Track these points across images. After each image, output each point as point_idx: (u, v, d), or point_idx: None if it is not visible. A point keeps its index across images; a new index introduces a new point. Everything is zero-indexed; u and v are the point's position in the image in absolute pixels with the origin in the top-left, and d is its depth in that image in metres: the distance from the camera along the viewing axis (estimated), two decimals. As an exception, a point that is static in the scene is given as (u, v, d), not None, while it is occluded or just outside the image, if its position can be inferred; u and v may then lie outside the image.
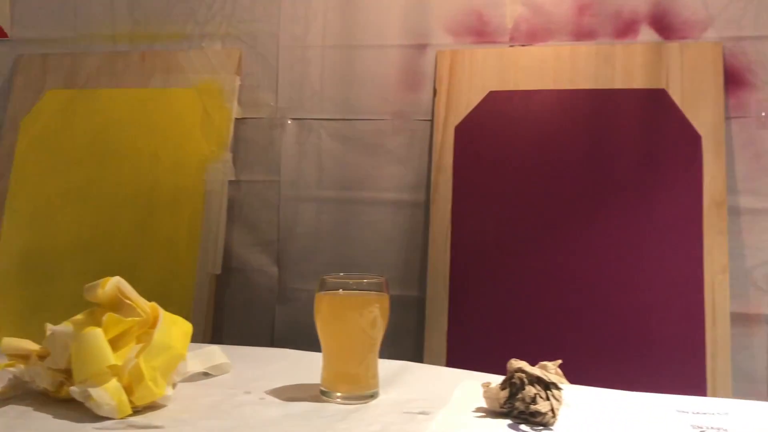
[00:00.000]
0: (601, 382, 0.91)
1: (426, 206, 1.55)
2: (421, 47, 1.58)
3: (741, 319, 1.43)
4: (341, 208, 1.61)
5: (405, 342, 1.55)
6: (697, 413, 0.73)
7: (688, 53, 1.45)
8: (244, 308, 1.63)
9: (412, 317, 1.55)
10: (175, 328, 0.74)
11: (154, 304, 0.75)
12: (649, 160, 1.45)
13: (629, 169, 1.45)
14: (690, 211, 1.41)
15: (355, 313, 0.76)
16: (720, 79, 1.44)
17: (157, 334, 0.71)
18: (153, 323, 0.73)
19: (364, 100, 1.61)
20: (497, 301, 1.47)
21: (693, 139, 1.43)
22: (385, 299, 0.78)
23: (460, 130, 1.53)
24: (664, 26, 1.48)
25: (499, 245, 1.49)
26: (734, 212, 1.44)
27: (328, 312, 0.78)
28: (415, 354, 1.52)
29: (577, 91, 1.50)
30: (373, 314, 0.76)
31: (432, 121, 1.56)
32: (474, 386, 0.73)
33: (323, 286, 0.78)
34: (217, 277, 1.60)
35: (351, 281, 0.78)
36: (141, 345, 0.71)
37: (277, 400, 0.76)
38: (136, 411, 0.69)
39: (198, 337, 1.55)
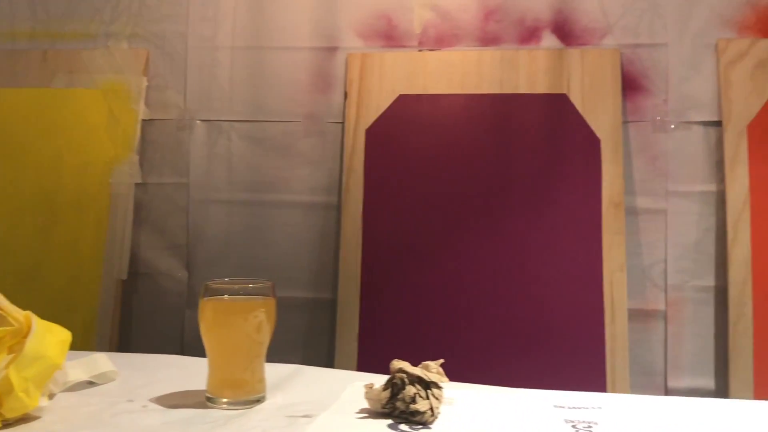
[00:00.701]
0: (506, 379, 0.93)
1: (338, 208, 1.56)
2: (332, 50, 1.59)
3: (639, 315, 1.49)
4: (252, 211, 1.59)
5: (318, 345, 1.56)
6: (573, 408, 0.76)
7: (588, 59, 1.51)
8: (152, 314, 1.60)
9: (325, 320, 1.55)
10: (50, 337, 0.72)
11: (28, 313, 0.73)
12: (551, 163, 1.49)
13: (532, 171, 1.50)
14: (589, 211, 1.46)
15: (239, 318, 0.76)
16: (618, 85, 1.49)
17: (30, 344, 0.69)
18: (27, 333, 0.71)
19: (275, 102, 1.60)
20: (408, 302, 1.49)
21: (592, 143, 1.48)
22: (271, 303, 0.78)
23: (370, 132, 1.54)
24: (566, 33, 1.53)
25: (409, 246, 1.51)
26: (631, 212, 1.50)
27: (213, 318, 0.77)
28: (328, 357, 1.52)
29: (483, 95, 1.53)
30: (258, 319, 0.76)
31: (343, 123, 1.56)
32: (362, 388, 0.74)
33: (207, 292, 0.77)
34: (124, 282, 1.57)
35: (236, 286, 0.77)
36: (12, 355, 0.69)
37: (160, 407, 0.75)
38: (7, 424, 0.67)
39: (104, 345, 1.52)
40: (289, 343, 1.57)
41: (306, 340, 1.57)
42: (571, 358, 1.43)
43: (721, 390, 1.45)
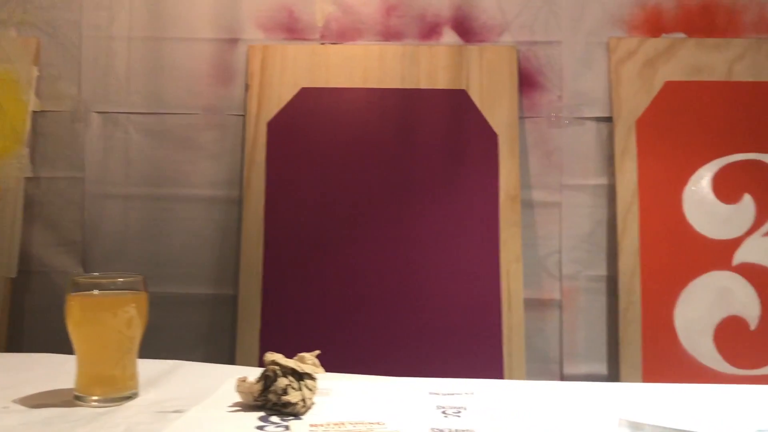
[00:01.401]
0: (407, 368, 0.94)
1: (239, 203, 1.54)
2: (232, 42, 1.56)
3: (535, 305, 1.53)
4: (151, 206, 1.55)
5: (220, 342, 1.53)
6: (447, 394, 0.78)
7: (486, 56, 1.54)
8: (46, 312, 1.54)
9: (227, 316, 1.53)
10: None
11: None
12: (451, 157, 1.52)
13: (433, 166, 1.52)
14: (487, 204, 1.50)
15: (108, 314, 0.74)
16: (515, 81, 1.53)
17: None
18: None
19: (174, 93, 1.56)
20: (310, 296, 1.48)
21: (490, 138, 1.51)
22: (142, 298, 0.76)
23: (272, 125, 1.53)
24: (465, 30, 1.56)
25: (312, 241, 1.50)
26: (528, 206, 1.54)
27: (81, 314, 0.75)
28: (230, 353, 1.50)
29: (385, 89, 1.54)
30: (128, 314, 0.74)
31: (244, 116, 1.54)
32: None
33: (74, 287, 0.75)
34: (14, 280, 1.50)
35: (105, 281, 0.75)
36: None
37: (22, 408, 0.72)
38: None
39: (-8, 346, 1.45)
40: (190, 341, 1.54)
41: (208, 337, 1.54)
42: (469, 347, 1.46)
43: (613, 375, 1.51)
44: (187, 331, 1.53)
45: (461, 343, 1.46)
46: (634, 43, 1.54)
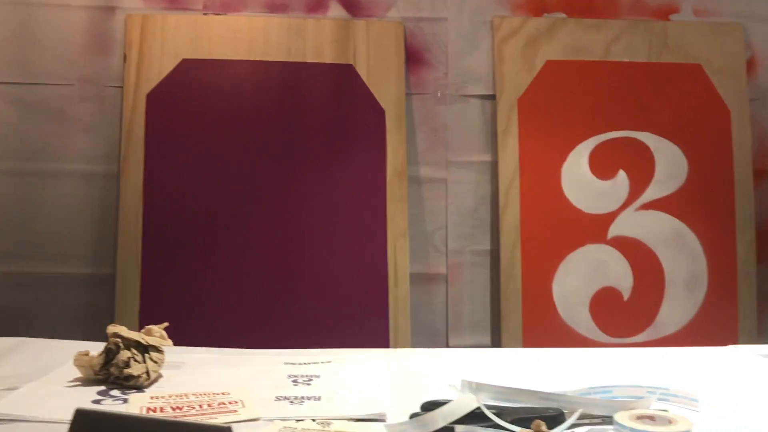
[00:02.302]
0: (291, 341, 0.93)
1: (117, 178, 1.48)
2: (109, 9, 1.49)
3: (422, 279, 1.55)
4: (22, 181, 1.47)
5: (99, 323, 1.45)
6: (302, 364, 0.77)
7: (373, 31, 1.53)
8: None
9: (106, 296, 1.47)
10: None
11: None
12: (338, 132, 1.51)
13: (320, 140, 1.50)
14: (374, 180, 1.50)
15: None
16: (401, 57, 1.53)
17: None
18: None
19: (46, 63, 1.48)
20: (192, 275, 1.45)
21: (377, 113, 1.51)
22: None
23: (152, 98, 1.47)
24: (352, 4, 1.55)
25: (194, 217, 1.46)
26: (415, 182, 1.55)
27: None
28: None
29: (270, 62, 1.51)
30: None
31: (122, 88, 1.48)
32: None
33: None
34: None
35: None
36: None
37: None
38: None
39: None
40: (67, 322, 1.48)
41: (86, 318, 1.48)
42: (355, 322, 1.46)
43: (496, 346, 1.55)
44: (65, 313, 1.47)
45: (348, 317, 1.46)
46: (516, 22, 1.57)
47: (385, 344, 1.45)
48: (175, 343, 0.85)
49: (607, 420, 0.60)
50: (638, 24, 1.58)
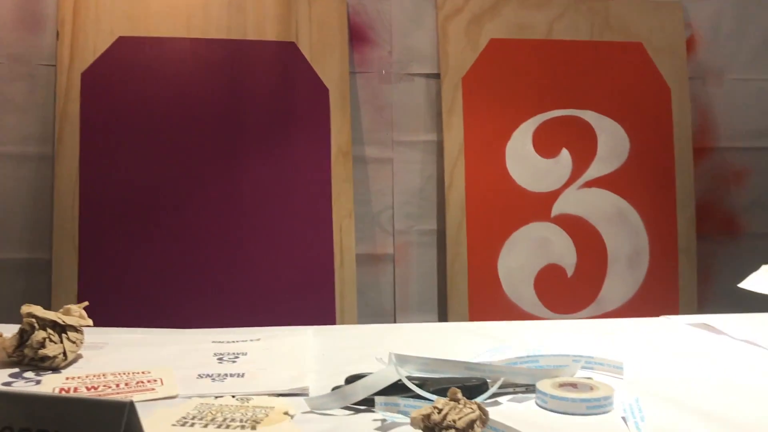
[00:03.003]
0: (238, 321, 0.91)
1: (52, 160, 1.43)
2: (40, -16, 1.44)
3: (369, 259, 1.55)
4: (-51, 164, 1.41)
5: (36, 308, 1.43)
6: (230, 342, 0.76)
7: (316, 8, 1.51)
8: None
9: (43, 281, 1.43)
10: None
11: None
12: (282, 111, 1.48)
13: (263, 120, 1.48)
14: (319, 160, 1.48)
15: None
16: (345, 35, 1.51)
17: None
18: None
19: (-27, 40, 1.42)
20: (132, 258, 1.41)
21: (321, 92, 1.49)
22: None
23: (87, 77, 1.43)
24: (294, -20, 1.52)
25: (134, 198, 1.43)
26: (361, 161, 1.54)
27: None
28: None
29: (210, 40, 1.47)
30: None
31: (56, 66, 1.43)
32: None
33: None
34: None
35: None
36: None
37: None
38: None
39: None
40: (3, 309, 1.42)
41: (21, 305, 1.43)
42: (301, 303, 1.45)
43: (443, 325, 1.55)
44: (1, 299, 1.42)
45: (294, 298, 1.44)
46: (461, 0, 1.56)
47: (332, 324, 1.44)
48: (114, 326, 0.83)
49: (531, 388, 0.60)
50: (581, 3, 1.58)
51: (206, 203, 1.45)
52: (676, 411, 0.57)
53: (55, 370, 0.65)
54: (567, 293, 1.55)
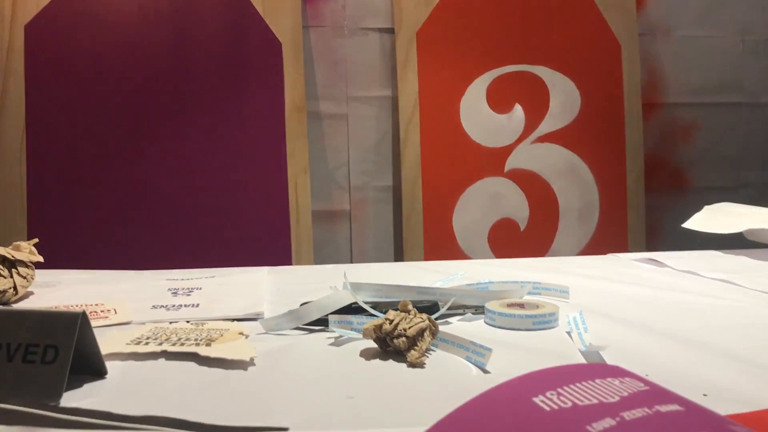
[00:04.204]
0: None
1: (-3, 115, 1.39)
2: (-23, -68, 1.38)
3: (325, 216, 1.55)
4: None
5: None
6: (185, 279, 0.76)
7: (268, -39, 1.48)
8: None
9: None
10: None
11: None
12: (234, 66, 1.46)
13: (215, 74, 1.46)
14: (273, 115, 1.47)
15: None
16: (298, -12, 1.50)
17: None
18: None
19: None
20: (82, 212, 1.39)
21: (274, 46, 1.48)
22: None
23: (30, 29, 1.38)
24: (245, -68, 1.49)
25: (81, 154, 1.40)
26: (315, 117, 1.54)
27: None
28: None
29: (159, -8, 1.44)
30: None
31: (-3, 19, 1.38)
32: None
33: None
34: None
35: None
36: None
37: None
38: None
39: None
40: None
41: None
42: (257, 260, 1.44)
43: (400, 280, 1.57)
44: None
45: (249, 256, 1.44)
46: (414, -46, 1.55)
47: (289, 280, 1.45)
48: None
49: (480, 311, 0.62)
50: (534, -42, 1.59)
51: (156, 159, 1.43)
52: (618, 324, 0.59)
53: (6, 304, 0.64)
54: (520, 246, 1.58)
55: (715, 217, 1.01)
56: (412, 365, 0.48)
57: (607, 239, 1.61)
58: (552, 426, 0.29)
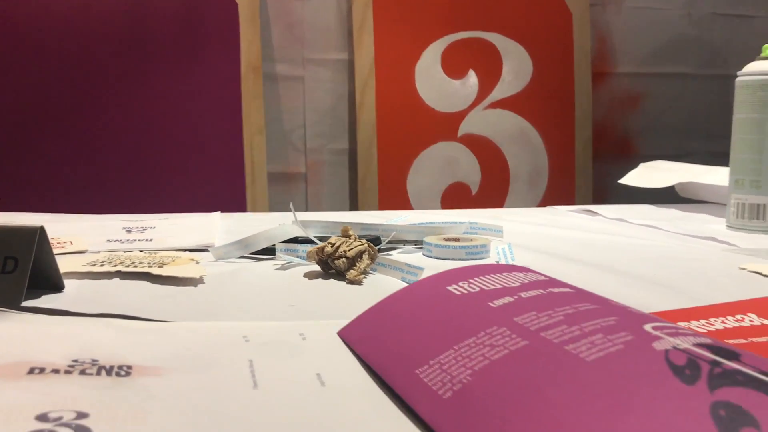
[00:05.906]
0: None
1: (-53, 70, 1.37)
2: None
3: (281, 178, 1.58)
4: None
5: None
6: (140, 221, 0.78)
7: None
8: None
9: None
10: None
11: None
12: (188, 25, 1.47)
13: (169, 33, 1.46)
14: (228, 75, 1.48)
15: None
16: (255, -50, 1.50)
17: None
18: None
19: None
20: (38, 175, 1.39)
21: (230, 6, 1.48)
22: None
23: (-19, -17, 1.37)
24: None
25: (36, 116, 1.39)
26: (272, 79, 1.55)
27: None
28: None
29: (114, -51, 1.43)
30: None
31: (-53, -29, 1.36)
32: None
33: None
34: None
35: None
36: None
37: None
38: None
39: None
40: None
41: None
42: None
43: (355, 242, 1.61)
44: None
45: (205, 214, 1.46)
46: None
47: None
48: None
49: (420, 244, 0.66)
50: (488, -73, 1.62)
51: (110, 118, 1.43)
52: (543, 255, 0.64)
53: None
54: (471, 209, 1.63)
55: (650, 174, 1.07)
56: (351, 282, 0.52)
57: (555, 203, 1.66)
58: (460, 304, 0.33)
